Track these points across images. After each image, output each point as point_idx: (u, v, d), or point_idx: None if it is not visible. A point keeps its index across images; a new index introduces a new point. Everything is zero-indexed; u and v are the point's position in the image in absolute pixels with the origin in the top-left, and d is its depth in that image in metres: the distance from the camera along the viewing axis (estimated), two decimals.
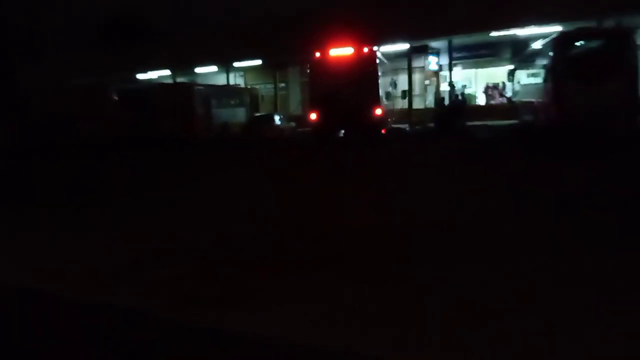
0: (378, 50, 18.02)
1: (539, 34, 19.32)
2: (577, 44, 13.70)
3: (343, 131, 16.22)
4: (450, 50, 24.28)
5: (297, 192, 8.08)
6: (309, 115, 16.42)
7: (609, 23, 14.61)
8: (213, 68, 32.96)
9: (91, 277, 3.96)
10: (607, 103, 12.40)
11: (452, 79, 23.78)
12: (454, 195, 7.00)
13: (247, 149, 17.90)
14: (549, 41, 14.31)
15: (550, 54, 13.73)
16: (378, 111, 15.64)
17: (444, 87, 26.28)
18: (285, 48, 27.26)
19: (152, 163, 14.68)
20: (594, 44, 13.59)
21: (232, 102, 24.45)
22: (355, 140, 15.75)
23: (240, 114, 24.35)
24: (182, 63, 32.89)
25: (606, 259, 3.93)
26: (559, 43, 13.60)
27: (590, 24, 16.70)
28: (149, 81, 33.18)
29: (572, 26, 16.51)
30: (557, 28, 18.71)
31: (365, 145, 15.08)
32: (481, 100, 27.01)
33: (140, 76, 34.90)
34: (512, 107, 20.25)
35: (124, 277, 3.94)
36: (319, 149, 15.45)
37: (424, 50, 25.54)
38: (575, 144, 11.82)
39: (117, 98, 21.43)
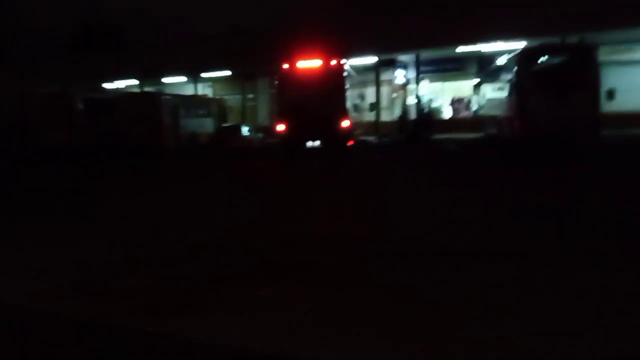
0: (346, 63, 18.13)
1: (504, 49, 19.76)
2: (541, 59, 14.05)
3: (310, 142, 16.18)
4: (418, 64, 24.63)
5: (263, 201, 8.03)
6: (276, 126, 16.35)
7: (572, 39, 15.06)
8: (182, 78, 32.69)
9: (53, 288, 3.86)
10: (569, 116, 12.72)
11: (419, 93, 24.08)
12: (419, 204, 7.05)
13: (213, 159, 17.68)
14: (513, 56, 14.66)
15: (515, 68, 14.06)
16: (345, 123, 15.68)
17: (411, 101, 26.61)
18: (253, 59, 27.22)
19: (118, 173, 14.36)
20: (557, 59, 13.97)
21: (200, 112, 24.19)
22: (322, 152, 15.73)
23: (208, 124, 24.09)
24: (150, 73, 32.50)
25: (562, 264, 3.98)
26: (522, 58, 13.95)
27: (554, 40, 17.15)
28: (116, 90, 32.62)
29: (536, 42, 16.93)
30: (522, 43, 19.18)
31: (331, 157, 15.08)
32: (447, 113, 27.44)
33: (108, 85, 34.33)
34: (477, 121, 20.62)
35: (86, 287, 3.87)
36: (286, 160, 15.38)
37: (391, 64, 25.84)
38: (537, 156, 12.09)
39: (82, 106, 20.95)
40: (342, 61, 17.03)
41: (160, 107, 20.67)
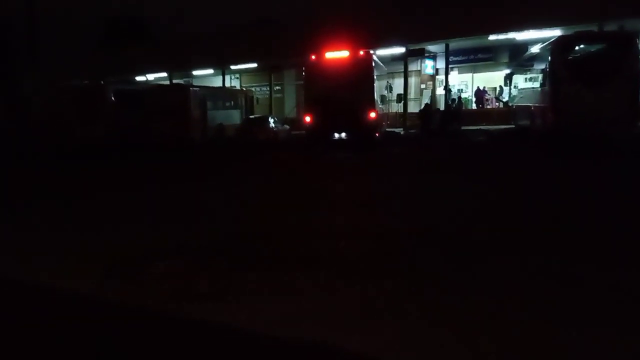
0: (374, 53, 17.85)
1: (537, 38, 19.16)
2: (577, 47, 13.54)
3: (337, 134, 16.01)
4: (447, 54, 24.13)
5: (289, 193, 7.97)
6: (304, 118, 16.22)
7: (610, 27, 14.40)
8: (209, 70, 32.83)
9: (86, 273, 3.97)
10: (606, 108, 12.20)
11: (449, 83, 23.59)
12: (445, 198, 6.91)
13: (240, 151, 17.69)
14: (547, 45, 14.14)
15: (549, 57, 13.54)
16: (372, 114, 15.46)
17: (440, 91, 26.13)
18: (280, 51, 27.13)
19: (147, 164, 14.51)
20: (594, 48, 13.43)
21: (228, 104, 24.20)
22: (350, 143, 15.56)
23: (235, 116, 24.09)
24: (179, 65, 32.77)
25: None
26: (558, 46, 13.40)
27: (591, 27, 16.50)
28: (145, 82, 32.96)
29: (571, 30, 16.34)
30: (556, 32, 18.51)
31: (359, 149, 14.90)
32: (476, 104, 26.85)
33: (138, 78, 34.73)
34: (508, 112, 20.10)
35: (117, 273, 3.95)
36: (313, 152, 15.25)
37: (420, 54, 25.39)
38: (571, 149, 11.67)
39: (113, 99, 21.14)
40: (370, 52, 16.80)
41: (187, 99, 20.70)
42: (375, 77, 16.07)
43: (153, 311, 3.18)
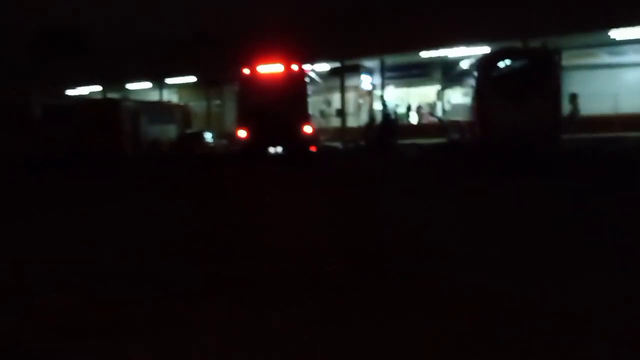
0: (311, 68, 17.91)
1: (467, 55, 19.80)
2: (501, 64, 14.03)
3: (272, 148, 15.87)
4: (383, 69, 24.58)
5: (216, 211, 7.70)
6: (237, 132, 16.00)
7: (535, 44, 15.12)
8: (147, 84, 32.04)
9: None
10: (530, 122, 12.67)
11: (385, 98, 24.00)
12: (378, 213, 6.88)
13: (171, 167, 17.18)
14: (474, 61, 14.61)
15: (475, 74, 13.99)
16: (307, 129, 15.43)
17: (377, 106, 26.55)
18: (218, 65, 26.82)
19: (69, 181, 13.79)
20: (517, 64, 13.96)
21: (163, 119, 23.66)
22: (285, 158, 15.45)
23: (171, 131, 23.59)
24: (114, 78, 31.78)
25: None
26: (482, 63, 13.92)
27: (516, 44, 17.23)
28: (76, 97, 31.82)
29: (499, 46, 16.97)
30: (485, 48, 19.21)
31: (295, 163, 14.79)
32: (413, 119, 27.45)
33: (70, 92, 33.43)
34: (441, 127, 20.61)
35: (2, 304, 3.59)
36: (246, 167, 15.03)
37: (356, 69, 25.74)
38: (496, 162, 12.02)
39: (40, 114, 20.28)
40: (305, 66, 16.82)
41: (119, 114, 20.13)
42: (310, 91, 16.09)
43: (24, 352, 2.86)
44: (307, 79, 15.97)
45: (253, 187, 10.86)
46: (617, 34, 20.69)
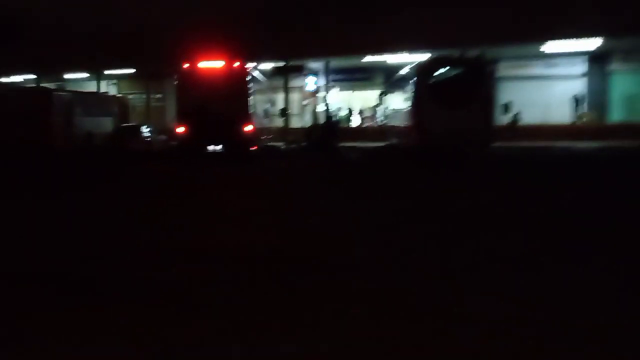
0: (256, 67, 17.73)
1: (409, 61, 20.17)
2: (437, 71, 14.38)
3: (212, 146, 15.59)
4: (327, 71, 24.71)
5: (146, 210, 7.45)
6: (176, 128, 15.61)
7: (474, 53, 15.62)
8: (84, 75, 30.79)
9: None
10: (463, 128, 13.05)
11: (328, 101, 24.12)
12: (303, 212, 6.89)
13: (101, 162, 16.49)
14: (412, 68, 14.92)
15: (413, 80, 14.28)
16: (248, 128, 15.25)
17: (321, 108, 26.66)
18: (159, 58, 26.11)
19: None
20: (453, 72, 14.35)
21: (99, 111, 22.76)
22: (224, 156, 15.22)
23: (107, 124, 22.69)
24: (49, 68, 30.31)
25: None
26: (420, 70, 14.25)
27: (455, 53, 17.72)
28: (5, 84, 30.18)
29: (438, 54, 17.41)
30: (426, 56, 19.63)
31: (232, 162, 14.60)
32: (356, 122, 27.78)
33: (1, 79, 31.66)
34: (382, 130, 20.92)
35: None
36: (184, 164, 14.68)
37: (300, 70, 25.71)
38: (429, 165, 12.39)
39: None
40: (248, 64, 16.60)
41: (50, 104, 19.19)
42: (252, 90, 15.89)
43: None
44: (249, 77, 15.77)
45: (182, 185, 10.62)
46: (548, 47, 21.73)
